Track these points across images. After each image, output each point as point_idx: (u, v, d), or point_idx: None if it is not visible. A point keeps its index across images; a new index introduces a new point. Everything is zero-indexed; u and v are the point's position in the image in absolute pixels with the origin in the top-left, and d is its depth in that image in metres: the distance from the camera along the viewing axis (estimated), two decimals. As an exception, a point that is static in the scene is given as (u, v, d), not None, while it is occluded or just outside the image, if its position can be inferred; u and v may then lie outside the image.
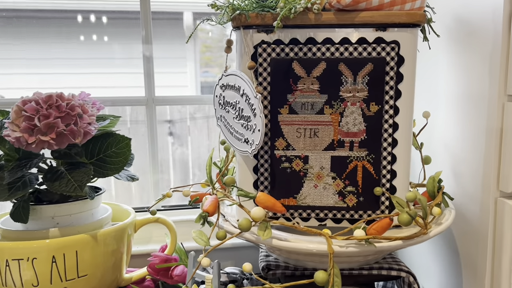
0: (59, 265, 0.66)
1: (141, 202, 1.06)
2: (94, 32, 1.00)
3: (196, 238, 0.58)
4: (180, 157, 1.19)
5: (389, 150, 0.62)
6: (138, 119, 1.16)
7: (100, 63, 1.03)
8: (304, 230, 0.56)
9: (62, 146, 0.63)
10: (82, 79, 1.03)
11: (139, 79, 0.95)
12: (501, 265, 0.65)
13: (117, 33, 1.03)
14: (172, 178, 1.18)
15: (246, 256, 0.97)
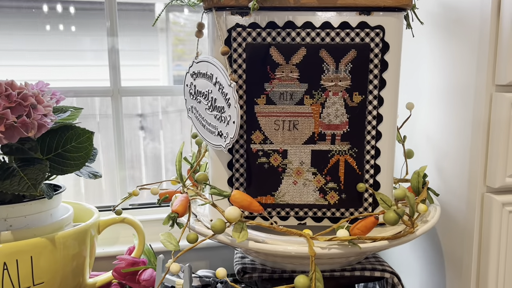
0: (12, 273, 0.60)
1: (112, 200, 1.00)
2: (61, 22, 0.93)
3: (164, 242, 0.52)
4: (152, 152, 1.13)
5: (372, 143, 0.58)
6: (108, 113, 1.10)
7: (66, 55, 0.96)
8: (283, 231, 0.51)
9: (13, 140, 0.57)
10: (47, 72, 0.96)
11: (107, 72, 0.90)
12: (488, 263, 0.62)
13: (84, 24, 0.97)
14: (144, 174, 1.12)
15: (220, 256, 0.92)
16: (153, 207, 0.95)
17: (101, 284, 0.75)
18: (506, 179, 0.60)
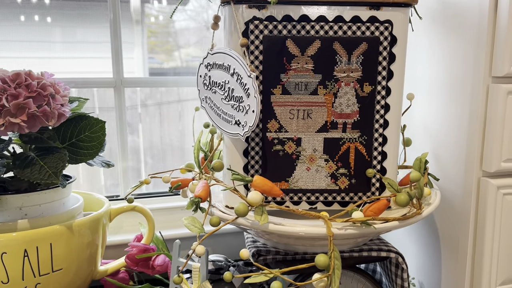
0: (32, 260, 0.61)
1: (114, 190, 1.01)
2: (37, 13, 0.92)
3: (188, 226, 0.55)
4: (131, 145, 1.14)
5: (380, 131, 0.61)
6: (103, 106, 1.10)
7: (62, 47, 0.95)
8: (302, 213, 0.55)
9: (34, 130, 0.58)
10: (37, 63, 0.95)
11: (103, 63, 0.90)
12: (484, 244, 0.67)
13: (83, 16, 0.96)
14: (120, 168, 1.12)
15: (222, 243, 0.95)
16: (156, 196, 0.97)
17: (112, 271, 0.76)
18: (501, 164, 0.64)
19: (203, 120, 1.04)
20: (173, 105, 1.06)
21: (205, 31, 1.05)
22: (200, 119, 1.03)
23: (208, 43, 1.04)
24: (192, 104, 1.06)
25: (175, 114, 1.06)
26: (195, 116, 0.84)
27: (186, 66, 1.05)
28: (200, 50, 1.05)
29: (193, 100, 1.06)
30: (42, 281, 0.62)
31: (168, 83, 0.99)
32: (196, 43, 1.04)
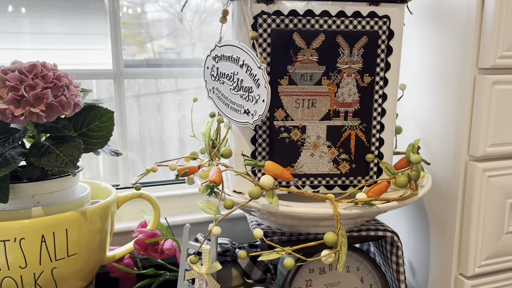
0: (49, 245, 0.63)
1: (114, 179, 1.02)
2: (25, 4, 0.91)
3: (204, 208, 0.58)
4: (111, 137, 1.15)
5: (378, 119, 0.66)
6: (99, 97, 1.10)
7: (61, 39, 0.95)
8: (310, 195, 0.59)
9: (51, 119, 0.60)
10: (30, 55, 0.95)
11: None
12: (470, 223, 0.73)
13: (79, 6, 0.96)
14: (100, 160, 1.12)
15: (230, 229, 0.99)
16: (158, 185, 1.00)
17: (119, 257, 0.79)
18: (486, 149, 0.70)
19: (186, 110, 1.06)
20: (151, 97, 1.05)
21: (178, 22, 1.05)
22: (182, 109, 1.06)
23: (181, 35, 1.05)
24: (171, 96, 1.07)
25: (154, 106, 1.06)
26: (192, 107, 0.87)
27: (159, 58, 1.04)
28: (173, 42, 1.05)
29: (171, 92, 1.07)
30: (58, 266, 0.64)
31: (167, 74, 1.01)
32: (169, 35, 1.05)
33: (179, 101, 1.07)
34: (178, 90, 1.07)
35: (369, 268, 0.74)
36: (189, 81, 1.07)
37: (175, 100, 1.07)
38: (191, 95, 1.04)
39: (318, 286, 0.71)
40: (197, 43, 1.07)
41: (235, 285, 0.73)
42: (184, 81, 1.07)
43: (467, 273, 0.74)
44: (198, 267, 0.67)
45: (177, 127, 1.08)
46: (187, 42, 1.06)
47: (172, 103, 1.07)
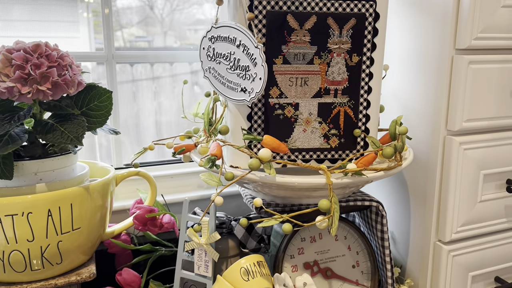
0: (55, 219, 0.65)
1: (107, 161, 1.03)
2: None
3: (206, 180, 0.62)
4: None
5: (365, 96, 0.71)
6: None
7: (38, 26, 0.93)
8: (305, 166, 0.63)
9: (57, 97, 0.62)
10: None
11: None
12: (448, 193, 0.79)
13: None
14: (97, 142, 1.13)
15: (223, 206, 1.02)
16: (148, 165, 1.02)
17: (118, 232, 0.82)
18: (463, 124, 0.76)
19: (162, 98, 1.08)
20: (126, 85, 1.04)
21: (149, 10, 1.03)
22: (159, 97, 1.08)
23: (152, 23, 1.04)
24: (147, 84, 1.06)
25: (129, 94, 1.04)
26: (183, 89, 0.89)
27: (130, 46, 1.03)
28: (143, 31, 1.04)
29: (146, 80, 1.06)
30: (63, 239, 0.67)
31: (161, 57, 1.02)
32: (140, 23, 1.04)
33: (155, 89, 1.07)
34: (154, 78, 1.07)
35: (355, 236, 0.80)
36: (164, 69, 1.07)
37: (151, 88, 1.07)
38: (167, 83, 1.06)
39: (309, 253, 0.76)
40: (168, 32, 1.07)
41: (232, 255, 0.77)
42: (160, 69, 1.06)
43: (445, 239, 0.80)
44: (198, 238, 0.71)
45: (153, 114, 1.08)
46: (158, 31, 1.05)
47: (148, 91, 1.06)
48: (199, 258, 0.72)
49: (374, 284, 0.79)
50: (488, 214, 0.83)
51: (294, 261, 0.75)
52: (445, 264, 0.81)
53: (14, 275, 0.67)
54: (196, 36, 1.09)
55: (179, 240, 0.74)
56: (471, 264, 0.83)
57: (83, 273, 0.72)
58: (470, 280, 0.84)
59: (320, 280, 0.76)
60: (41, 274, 0.68)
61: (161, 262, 0.94)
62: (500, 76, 0.77)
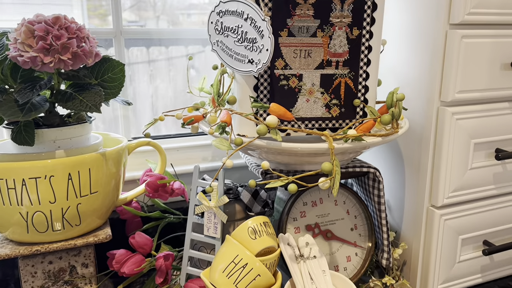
0: (75, 182, 0.70)
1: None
2: None
3: (217, 145, 0.66)
4: None
5: (364, 68, 0.75)
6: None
7: None
8: (309, 132, 0.68)
9: (76, 67, 0.66)
10: None
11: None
12: (441, 161, 0.84)
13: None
14: (106, 116, 1.14)
15: (226, 177, 1.07)
16: (156, 139, 1.07)
17: (130, 199, 0.86)
18: (455, 95, 0.81)
19: (158, 81, 1.11)
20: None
21: None
22: (154, 81, 1.10)
23: (144, 7, 1.04)
24: (143, 67, 1.07)
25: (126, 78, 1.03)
26: (188, 64, 0.92)
27: (123, 31, 1.01)
28: (136, 15, 1.04)
29: (142, 63, 1.07)
30: (82, 202, 0.72)
31: (171, 33, 1.05)
32: (132, 7, 1.03)
33: (151, 72, 1.09)
34: (150, 61, 1.08)
35: (354, 202, 0.85)
36: (160, 52, 1.08)
37: (147, 71, 1.08)
38: (164, 66, 1.08)
39: (310, 216, 0.82)
40: (161, 16, 1.07)
41: (238, 218, 0.82)
42: (156, 52, 1.08)
43: (437, 204, 0.86)
44: (207, 201, 0.76)
45: (149, 97, 1.10)
46: (151, 15, 1.06)
47: (144, 74, 1.07)
48: (208, 221, 0.77)
49: (371, 246, 0.85)
50: (478, 181, 0.88)
51: (297, 223, 0.81)
52: (437, 227, 0.87)
53: (37, 235, 0.71)
54: (189, 20, 1.10)
55: (189, 204, 0.79)
56: (461, 227, 0.89)
57: (100, 235, 0.76)
58: (460, 243, 0.90)
59: (320, 241, 0.82)
60: (61, 235, 0.73)
61: (169, 229, 1.00)
62: (492, 50, 0.82)
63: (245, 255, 0.69)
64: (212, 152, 1.11)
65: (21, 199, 0.67)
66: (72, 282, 0.78)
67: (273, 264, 0.73)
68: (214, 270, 0.71)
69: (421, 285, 0.91)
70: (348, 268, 0.84)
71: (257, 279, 0.69)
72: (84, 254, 0.78)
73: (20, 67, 0.68)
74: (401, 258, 0.95)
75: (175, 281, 0.83)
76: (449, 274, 0.91)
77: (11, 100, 0.65)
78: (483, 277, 0.96)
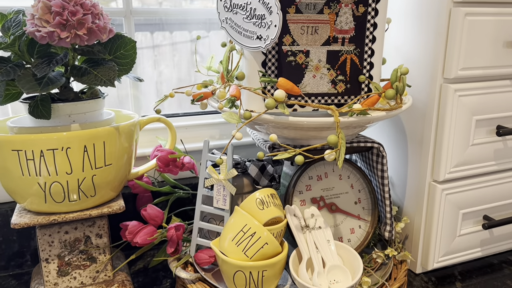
0: (90, 154, 0.73)
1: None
2: None
3: (227, 118, 0.69)
4: None
5: (370, 45, 0.77)
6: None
7: None
8: (316, 106, 0.70)
9: (91, 42, 0.68)
10: None
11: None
12: (443, 137, 0.86)
13: None
14: (131, 93, 1.15)
15: (236, 153, 1.10)
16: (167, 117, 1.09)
17: (142, 173, 0.89)
18: (458, 72, 0.83)
19: (163, 67, 1.13)
20: None
21: None
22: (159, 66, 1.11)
23: None
24: (147, 52, 1.08)
25: None
26: (196, 44, 0.94)
27: (133, 11, 1.01)
28: (139, 1, 1.04)
29: (147, 48, 1.08)
30: (97, 173, 0.75)
31: (179, 13, 1.07)
32: None
33: (155, 57, 1.10)
34: (154, 46, 1.10)
35: (357, 176, 0.88)
36: (164, 37, 1.09)
37: (152, 56, 1.09)
38: (168, 52, 1.10)
39: (316, 190, 0.85)
40: (164, 2, 1.08)
41: (246, 191, 0.85)
42: (160, 37, 1.09)
43: (439, 179, 0.89)
44: (217, 174, 0.79)
45: (154, 82, 1.11)
46: (153, 1, 1.06)
47: (149, 59, 1.09)
48: (217, 193, 0.80)
49: (374, 219, 0.88)
50: (479, 157, 0.91)
51: (303, 196, 0.84)
52: (439, 202, 0.90)
53: (54, 205, 0.74)
54: (192, 6, 1.11)
55: (199, 178, 0.82)
56: (462, 202, 0.92)
57: (114, 206, 0.80)
58: (460, 217, 0.93)
59: (325, 213, 0.85)
60: (77, 206, 0.76)
61: (178, 204, 1.03)
62: (495, 28, 0.84)
63: (254, 225, 0.72)
64: (220, 130, 1.14)
65: (39, 170, 0.70)
66: (87, 251, 0.81)
67: (279, 233, 0.76)
68: (223, 239, 0.74)
69: (422, 258, 0.95)
70: (352, 239, 0.87)
71: (264, 247, 0.72)
72: (98, 225, 0.81)
73: (37, 43, 0.71)
74: (403, 232, 0.98)
75: (185, 251, 0.86)
76: (449, 247, 0.94)
77: (29, 75, 0.68)
78: (483, 251, 0.99)
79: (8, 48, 0.70)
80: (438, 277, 0.94)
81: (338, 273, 0.74)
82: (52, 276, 0.80)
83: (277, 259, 0.72)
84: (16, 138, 0.69)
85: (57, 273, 0.80)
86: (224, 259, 0.72)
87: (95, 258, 0.82)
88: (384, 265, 0.85)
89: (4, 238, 0.94)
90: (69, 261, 0.80)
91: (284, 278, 0.81)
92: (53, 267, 0.79)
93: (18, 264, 0.96)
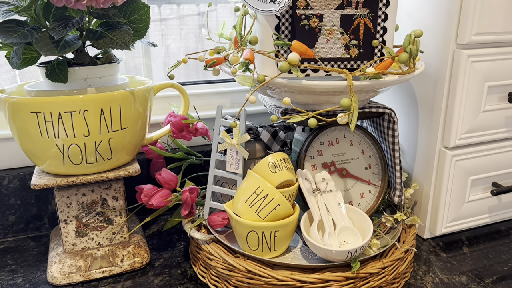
0: (107, 117, 0.74)
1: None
2: None
3: (241, 82, 0.70)
4: None
5: (383, 9, 0.77)
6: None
7: None
8: (329, 70, 0.71)
9: (106, 5, 0.68)
10: None
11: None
12: (454, 102, 0.87)
13: None
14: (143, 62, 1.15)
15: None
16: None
17: (156, 138, 0.91)
18: (471, 37, 0.83)
19: (170, 40, 1.12)
20: None
21: None
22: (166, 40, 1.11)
23: None
24: (154, 26, 1.07)
25: None
26: (207, 11, 0.93)
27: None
28: None
29: (154, 21, 1.06)
30: (113, 136, 0.76)
31: None
32: None
33: (163, 30, 1.10)
34: (162, 20, 1.09)
35: (368, 142, 0.89)
36: (172, 10, 1.08)
37: (159, 29, 1.09)
38: (175, 25, 1.09)
39: (327, 155, 0.86)
40: None
41: (258, 157, 0.87)
42: (167, 10, 1.08)
43: (449, 145, 0.89)
44: (230, 139, 0.80)
45: (161, 56, 1.11)
46: None
47: (157, 32, 1.08)
48: (230, 157, 0.82)
49: (384, 184, 0.89)
50: (490, 124, 0.91)
51: (314, 161, 0.85)
52: (448, 168, 0.91)
53: (72, 167, 0.76)
54: None
55: (212, 142, 0.84)
56: (471, 169, 0.93)
57: (129, 169, 0.82)
58: (469, 184, 0.94)
59: (336, 178, 0.86)
60: (94, 168, 0.78)
61: (191, 170, 1.05)
62: (510, -8, 0.83)
63: (266, 187, 0.74)
64: (231, 99, 1.15)
65: (57, 132, 0.72)
66: (103, 213, 0.84)
67: (291, 196, 0.78)
68: (236, 201, 0.76)
69: (430, 223, 0.96)
70: (362, 204, 0.88)
71: (277, 208, 0.74)
72: (114, 188, 0.83)
73: (53, 6, 0.71)
74: (412, 198, 0.99)
75: (199, 214, 0.89)
76: (457, 213, 0.95)
77: (46, 38, 0.69)
78: (491, 217, 1.00)
79: (24, 11, 0.71)
80: (446, 242, 0.96)
81: (348, 234, 0.76)
82: (71, 236, 0.82)
83: (289, 220, 0.74)
84: (35, 100, 0.71)
85: (75, 234, 0.82)
86: (238, 220, 0.74)
87: (111, 220, 0.85)
88: (393, 229, 0.87)
89: (23, 201, 0.97)
90: (87, 222, 0.83)
91: (295, 240, 0.83)
92: (72, 228, 0.82)
93: (36, 226, 0.99)
